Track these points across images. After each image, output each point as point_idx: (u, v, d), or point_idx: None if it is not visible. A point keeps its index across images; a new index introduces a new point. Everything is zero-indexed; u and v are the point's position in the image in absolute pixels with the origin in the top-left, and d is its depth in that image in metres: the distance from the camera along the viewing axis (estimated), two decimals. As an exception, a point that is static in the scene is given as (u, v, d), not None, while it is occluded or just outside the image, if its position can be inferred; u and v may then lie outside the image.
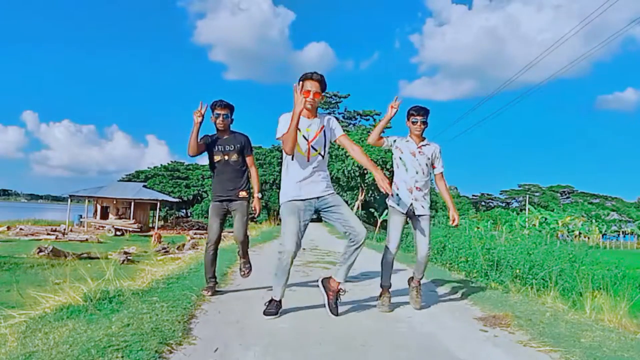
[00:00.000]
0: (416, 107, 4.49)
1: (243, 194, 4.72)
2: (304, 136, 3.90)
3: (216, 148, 4.68)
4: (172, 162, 57.40)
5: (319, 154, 3.96)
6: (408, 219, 4.53)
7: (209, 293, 4.67)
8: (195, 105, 4.48)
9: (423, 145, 4.51)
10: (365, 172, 33.72)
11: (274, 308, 3.96)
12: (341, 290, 4.15)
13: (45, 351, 2.70)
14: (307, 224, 3.96)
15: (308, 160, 3.91)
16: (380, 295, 4.48)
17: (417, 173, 4.46)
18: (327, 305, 4.03)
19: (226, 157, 4.68)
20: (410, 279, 4.67)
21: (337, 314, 4.01)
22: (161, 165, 56.17)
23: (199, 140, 4.60)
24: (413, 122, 4.47)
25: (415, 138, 4.52)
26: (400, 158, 4.53)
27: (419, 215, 4.46)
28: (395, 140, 4.59)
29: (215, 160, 4.70)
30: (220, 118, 4.65)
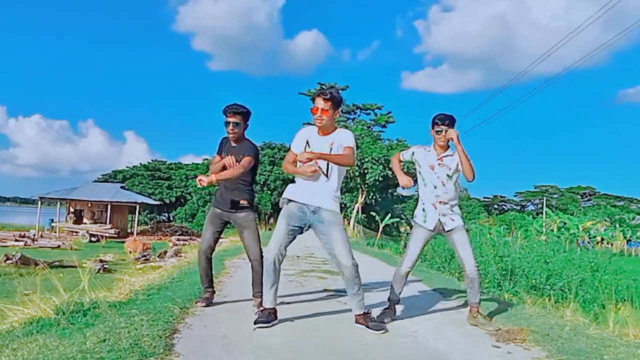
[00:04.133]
0: (441, 115, 4.47)
1: (244, 202, 4.69)
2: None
3: (225, 155, 4.69)
4: (152, 160, 57.34)
5: (322, 172, 4.05)
6: (439, 235, 4.57)
7: (203, 304, 4.67)
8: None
9: (444, 157, 4.47)
10: (366, 172, 33.77)
11: (265, 317, 4.01)
12: (368, 314, 4.19)
13: (12, 369, 2.69)
14: (295, 232, 4.12)
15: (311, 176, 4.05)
16: (386, 309, 4.52)
17: (435, 187, 4.44)
18: (369, 331, 4.02)
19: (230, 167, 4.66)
20: (470, 310, 4.55)
21: (381, 329, 4.05)
22: (140, 164, 56.06)
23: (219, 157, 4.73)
24: (437, 132, 4.45)
25: (438, 148, 4.50)
26: (420, 172, 4.54)
27: (452, 229, 4.45)
28: (413, 153, 4.59)
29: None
30: (230, 126, 4.60)
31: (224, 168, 4.64)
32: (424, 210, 4.50)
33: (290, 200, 4.13)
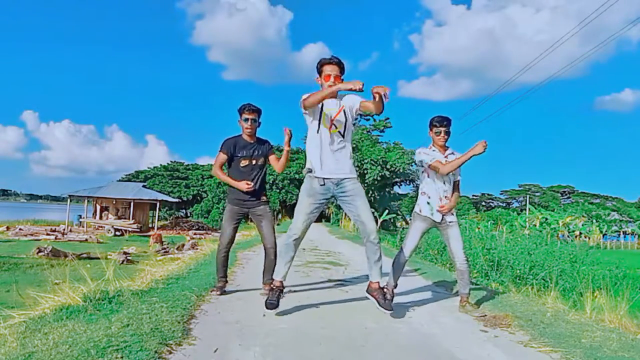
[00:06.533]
0: (439, 117, 4.48)
1: (264, 197, 4.81)
2: (326, 114, 3.95)
3: (243, 152, 4.71)
4: (171, 162, 57.50)
5: (339, 131, 3.96)
6: (436, 228, 4.57)
7: (218, 292, 4.69)
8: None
9: (449, 155, 4.50)
10: (365, 172, 33.62)
11: (276, 298, 3.94)
12: (385, 288, 4.22)
13: (44, 351, 2.69)
14: (320, 208, 3.99)
15: (330, 135, 3.94)
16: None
17: (444, 183, 4.49)
18: (379, 307, 4.01)
19: (254, 162, 4.73)
20: (460, 300, 4.55)
21: (391, 309, 4.01)
22: (161, 165, 56.26)
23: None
24: (436, 133, 4.47)
25: (439, 148, 4.51)
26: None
27: (449, 222, 4.49)
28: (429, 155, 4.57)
29: (241, 165, 4.71)
30: (249, 122, 4.67)
31: (235, 170, 4.68)
32: (428, 203, 4.49)
33: (313, 175, 3.94)
